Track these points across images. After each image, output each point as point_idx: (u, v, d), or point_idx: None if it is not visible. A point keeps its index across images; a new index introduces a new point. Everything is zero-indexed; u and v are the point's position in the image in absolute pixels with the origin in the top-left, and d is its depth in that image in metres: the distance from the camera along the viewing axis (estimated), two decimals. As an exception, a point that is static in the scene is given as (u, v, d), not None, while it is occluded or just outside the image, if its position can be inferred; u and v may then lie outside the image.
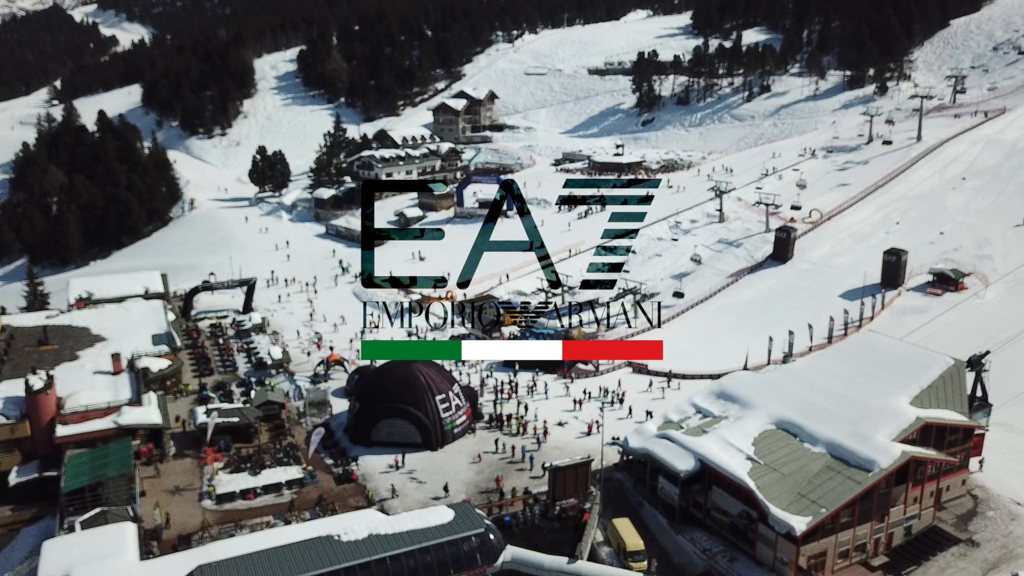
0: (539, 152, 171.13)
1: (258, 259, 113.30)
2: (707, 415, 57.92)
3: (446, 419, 61.80)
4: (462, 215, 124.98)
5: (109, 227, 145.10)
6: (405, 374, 62.32)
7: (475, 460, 59.69)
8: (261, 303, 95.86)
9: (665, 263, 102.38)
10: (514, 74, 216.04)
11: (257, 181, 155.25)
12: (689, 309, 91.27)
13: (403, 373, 62.48)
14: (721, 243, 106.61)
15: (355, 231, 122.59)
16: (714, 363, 77.17)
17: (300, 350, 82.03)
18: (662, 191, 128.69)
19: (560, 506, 52.63)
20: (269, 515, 52.96)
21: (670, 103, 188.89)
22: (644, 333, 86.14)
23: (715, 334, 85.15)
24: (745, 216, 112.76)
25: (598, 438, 63.37)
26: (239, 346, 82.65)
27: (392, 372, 63.78)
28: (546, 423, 63.93)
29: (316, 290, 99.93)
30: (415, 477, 57.19)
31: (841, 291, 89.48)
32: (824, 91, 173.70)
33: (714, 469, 51.18)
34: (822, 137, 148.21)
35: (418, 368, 62.42)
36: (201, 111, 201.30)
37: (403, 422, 61.22)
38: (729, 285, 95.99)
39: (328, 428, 64.97)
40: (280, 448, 61.38)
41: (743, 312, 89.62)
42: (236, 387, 72.78)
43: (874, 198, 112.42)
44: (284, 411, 66.59)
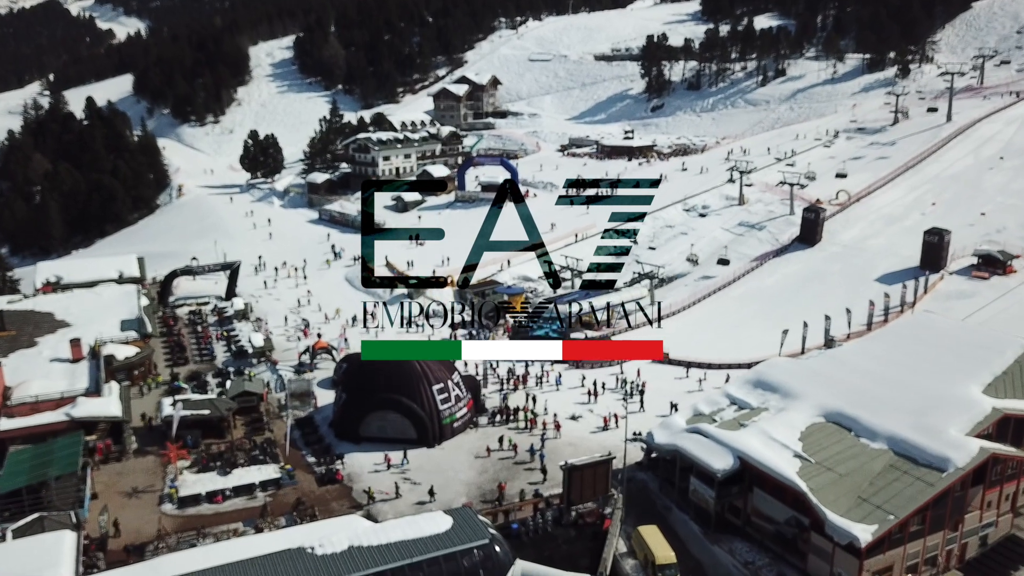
0: (544, 138, 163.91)
1: (246, 245, 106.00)
2: (744, 407, 50.60)
3: (444, 412, 54.46)
4: (463, 199, 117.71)
5: (92, 215, 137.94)
6: (398, 360, 54.90)
7: (482, 455, 52.45)
8: (246, 289, 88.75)
9: (682, 247, 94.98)
10: (518, 60, 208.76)
11: (249, 167, 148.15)
12: (711, 295, 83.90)
13: (398, 363, 55.09)
14: (742, 226, 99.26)
15: (349, 215, 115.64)
16: (740, 351, 70.04)
17: (285, 338, 74.70)
18: (675, 174, 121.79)
19: (576, 511, 45.26)
20: (239, 521, 45.62)
21: (680, 88, 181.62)
22: (663, 321, 78.77)
23: (739, 321, 77.90)
24: (766, 199, 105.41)
25: (617, 433, 56.08)
26: (219, 334, 75.42)
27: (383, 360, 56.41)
28: (557, 417, 56.51)
29: (305, 275, 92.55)
30: (409, 477, 49.84)
31: (877, 275, 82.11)
32: (842, 74, 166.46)
33: (756, 468, 43.84)
34: (842, 120, 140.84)
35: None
36: (194, 98, 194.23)
37: (396, 415, 53.86)
38: (753, 270, 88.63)
39: (312, 422, 57.74)
40: (256, 445, 54.06)
41: (769, 298, 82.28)
42: (212, 377, 65.65)
43: (904, 179, 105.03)
44: (263, 403, 59.25)
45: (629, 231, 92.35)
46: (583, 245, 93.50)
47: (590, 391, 62.37)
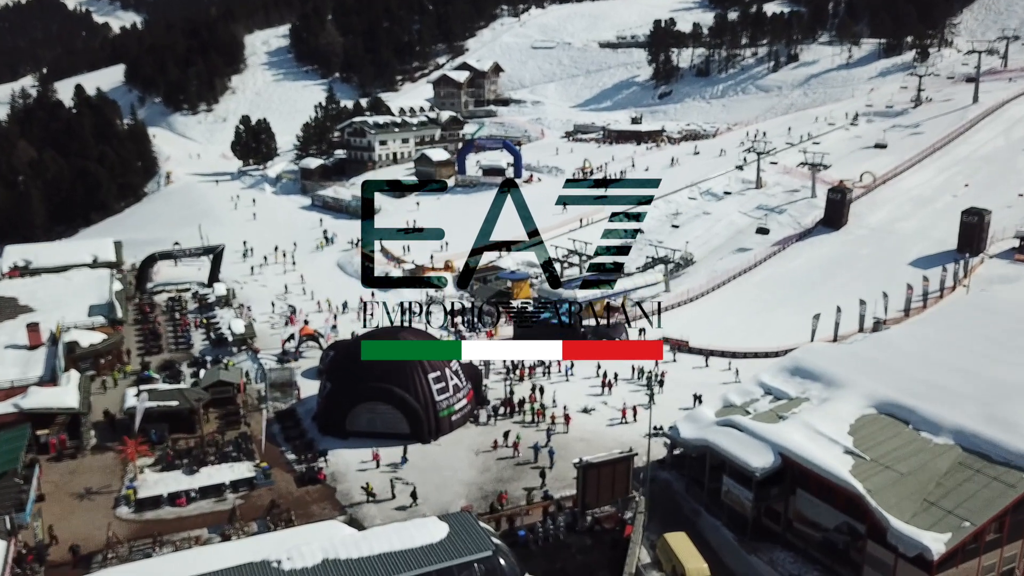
0: (548, 126, 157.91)
1: (234, 232, 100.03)
2: (781, 396, 44.65)
3: (441, 403, 48.45)
4: (463, 183, 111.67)
5: (76, 202, 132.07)
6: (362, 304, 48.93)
7: (486, 449, 46.51)
8: (232, 276, 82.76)
9: (697, 231, 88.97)
10: (520, 48, 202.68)
11: (241, 154, 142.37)
12: (731, 280, 77.91)
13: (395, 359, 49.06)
14: (761, 209, 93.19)
15: (343, 201, 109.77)
16: (766, 339, 64.07)
17: (270, 325, 68.73)
18: (687, 158, 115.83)
19: (592, 516, 39.25)
20: (204, 527, 39.65)
21: (689, 75, 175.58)
22: (676, 310, 72.98)
23: (763, 307, 71.96)
24: (785, 181, 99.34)
25: (636, 427, 50.10)
26: (197, 321, 69.48)
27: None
28: (567, 409, 50.44)
29: (294, 260, 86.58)
30: (400, 477, 43.79)
31: (910, 259, 76.11)
32: (857, 59, 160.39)
33: (802, 466, 37.90)
34: (858, 104, 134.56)
35: (406, 338, 48.95)
36: (186, 86, 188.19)
37: (386, 407, 47.83)
38: (775, 254, 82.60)
39: (294, 415, 51.74)
40: (228, 440, 48.12)
41: (794, 283, 76.27)
42: (187, 367, 59.69)
43: (932, 161, 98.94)
44: (240, 394, 53.25)
45: (639, 215, 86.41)
46: (591, 229, 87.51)
47: (604, 381, 56.27)
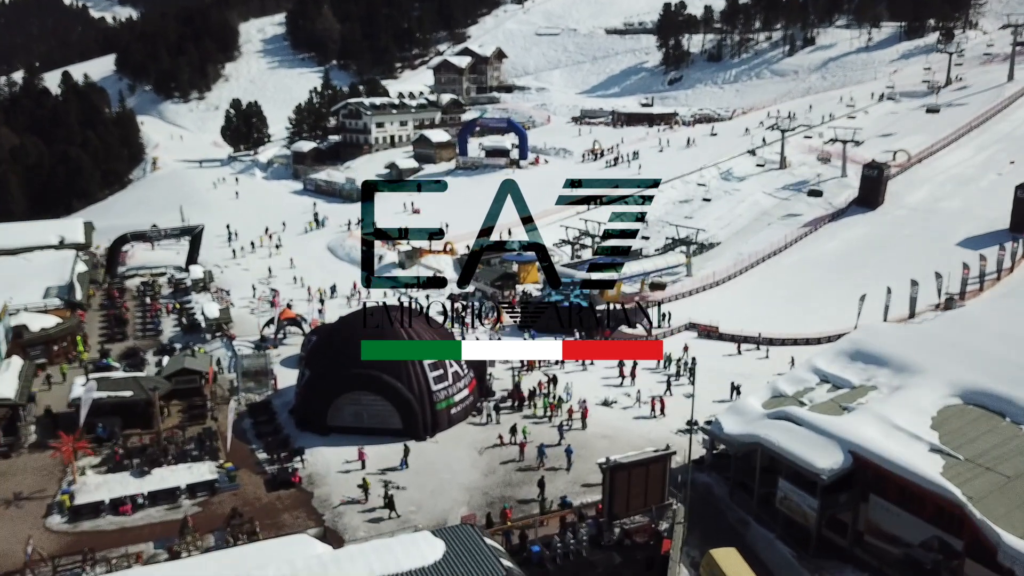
0: (554, 112, 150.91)
1: (221, 217, 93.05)
2: (840, 384, 37.72)
3: (439, 393, 41.50)
4: (465, 166, 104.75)
5: (58, 189, 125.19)
6: (378, 328, 41.93)
7: (490, 445, 39.59)
8: (213, 260, 76.06)
9: (719, 211, 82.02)
10: (524, 35, 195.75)
11: (231, 140, 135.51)
12: (760, 263, 70.93)
13: (375, 326, 42.09)
14: (787, 189, 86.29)
15: (336, 184, 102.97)
16: (804, 324, 57.14)
17: (250, 310, 61.85)
18: (704, 139, 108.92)
19: (622, 527, 32.24)
20: (149, 540, 32.69)
21: (700, 60, 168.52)
22: (704, 293, 66.05)
23: (797, 291, 65.01)
24: (811, 161, 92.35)
25: (665, 422, 43.15)
26: (169, 306, 62.66)
27: (358, 325, 43.52)
28: (585, 402, 43.36)
29: (280, 243, 79.73)
30: (390, 480, 36.80)
31: (958, 239, 69.13)
32: (877, 42, 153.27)
33: (879, 467, 30.92)
34: (880, 86, 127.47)
35: (396, 317, 41.87)
36: (178, 74, 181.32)
37: (374, 397, 40.88)
38: (806, 235, 75.63)
39: (269, 408, 44.79)
40: (189, 436, 41.18)
41: (830, 265, 69.35)
42: (154, 355, 52.75)
43: (969, 139, 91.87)
44: (207, 384, 46.32)
45: (650, 198, 79.28)
46: (604, 210, 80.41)
47: (624, 371, 49.22)
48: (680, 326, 57.89)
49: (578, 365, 50.88)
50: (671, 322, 58.39)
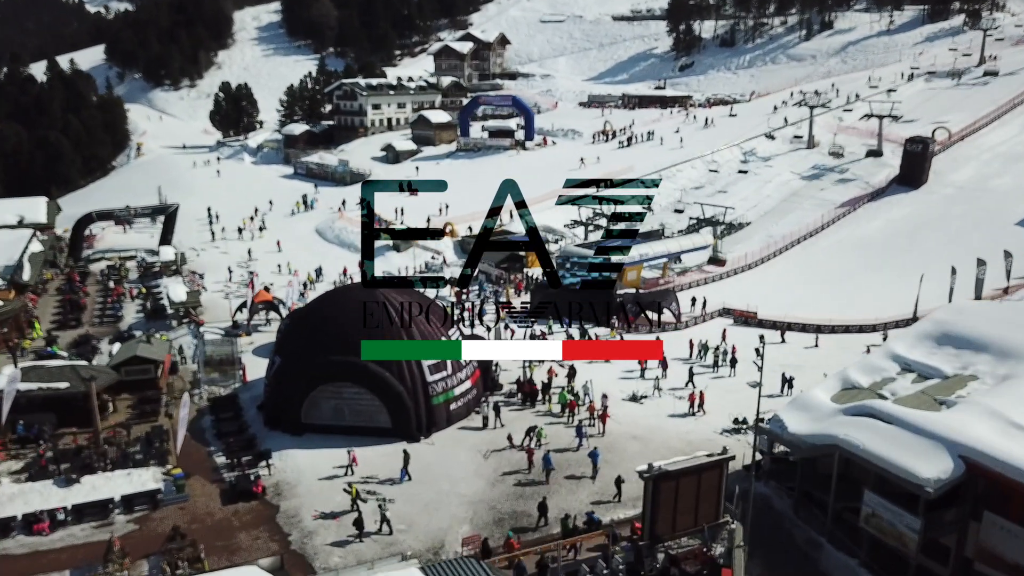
0: (561, 98, 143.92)
1: (205, 201, 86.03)
2: (929, 374, 30.76)
3: (436, 386, 34.53)
4: (466, 147, 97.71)
5: (36, 175, 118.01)
6: (364, 307, 34.94)
7: (499, 448, 32.72)
8: (189, 243, 69.21)
9: (744, 192, 75.02)
10: (528, 22, 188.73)
11: (221, 125, 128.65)
12: (795, 244, 63.99)
13: (359, 306, 35.10)
14: (817, 169, 79.32)
15: (329, 167, 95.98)
16: (854, 309, 50.30)
17: (224, 294, 54.93)
18: (723, 120, 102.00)
19: (667, 551, 25.23)
20: (66, 568, 25.76)
21: (712, 45, 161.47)
22: (734, 277, 59.15)
23: (840, 274, 58.20)
24: (840, 140, 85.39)
25: (707, 420, 36.22)
26: (133, 290, 55.82)
27: (338, 304, 36.63)
28: (607, 399, 36.23)
29: (263, 225, 72.86)
30: (374, 491, 29.82)
31: (1017, 218, 62.17)
32: (899, 26, 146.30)
33: (1001, 476, 23.89)
34: (905, 68, 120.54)
35: (387, 297, 34.94)
36: (168, 61, 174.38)
37: (357, 389, 33.90)
38: (844, 216, 68.67)
39: (235, 404, 37.82)
40: (133, 437, 34.27)
41: (874, 247, 62.51)
42: (109, 343, 45.71)
43: (1013, 117, 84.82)
44: (163, 376, 39.37)
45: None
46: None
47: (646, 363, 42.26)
48: (713, 312, 50.88)
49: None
50: (704, 308, 51.30)
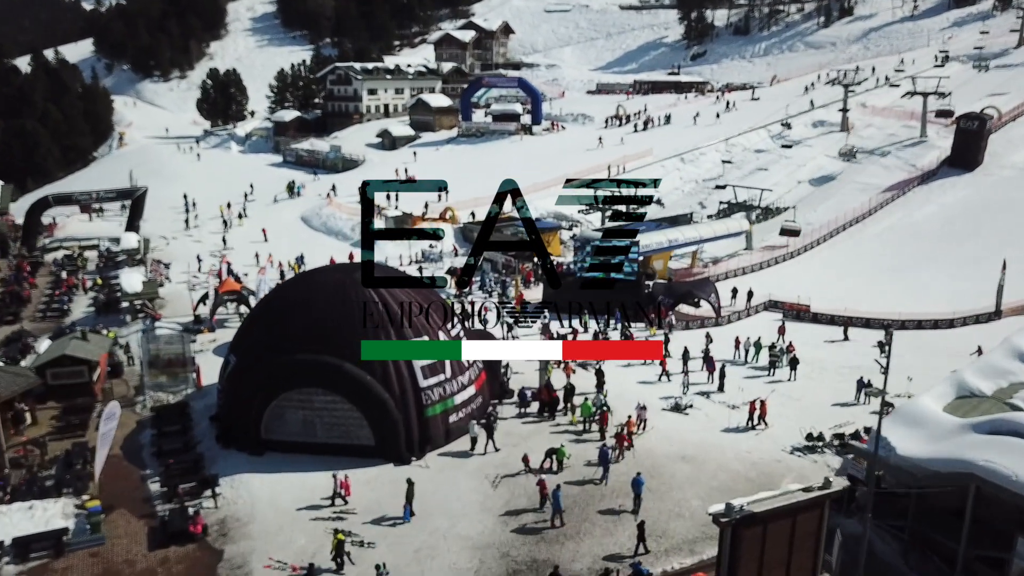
0: (567, 87, 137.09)
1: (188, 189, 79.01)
2: (1076, 379, 23.36)
3: (430, 392, 27.38)
4: (468, 133, 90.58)
5: (12, 166, 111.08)
6: (339, 292, 27.80)
7: (511, 473, 25.69)
8: (162, 231, 62.24)
9: (776, 176, 67.90)
10: (532, 12, 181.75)
11: (208, 114, 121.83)
12: (840, 231, 56.85)
13: (335, 290, 27.96)
14: (856, 152, 72.17)
15: (320, 154, 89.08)
16: (920, 303, 43.14)
17: (189, 286, 47.74)
18: (745, 104, 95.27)
19: (753, 628, 18.00)
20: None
21: (725, 34, 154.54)
22: (776, 266, 52.10)
23: (896, 263, 51.25)
24: (878, 122, 78.35)
25: (771, 436, 29.04)
26: (87, 281, 48.70)
27: (308, 290, 29.38)
28: (644, 409, 28.96)
29: (242, 213, 65.80)
30: (347, 531, 22.61)
31: (1091, 201, 55.10)
32: (923, 11, 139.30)
33: None
34: (933, 53, 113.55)
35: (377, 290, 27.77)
36: (158, 52, 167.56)
37: (331, 398, 26.74)
38: (891, 201, 61.52)
39: (184, 414, 30.68)
40: (50, 458, 27.17)
41: (930, 233, 55.58)
42: (50, 338, 38.52)
43: (1066, 97, 77.78)
44: (99, 380, 32.28)
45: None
46: (639, 172, 66.92)
47: (706, 361, 35.01)
48: (758, 305, 43.67)
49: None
50: (749, 300, 44.06)
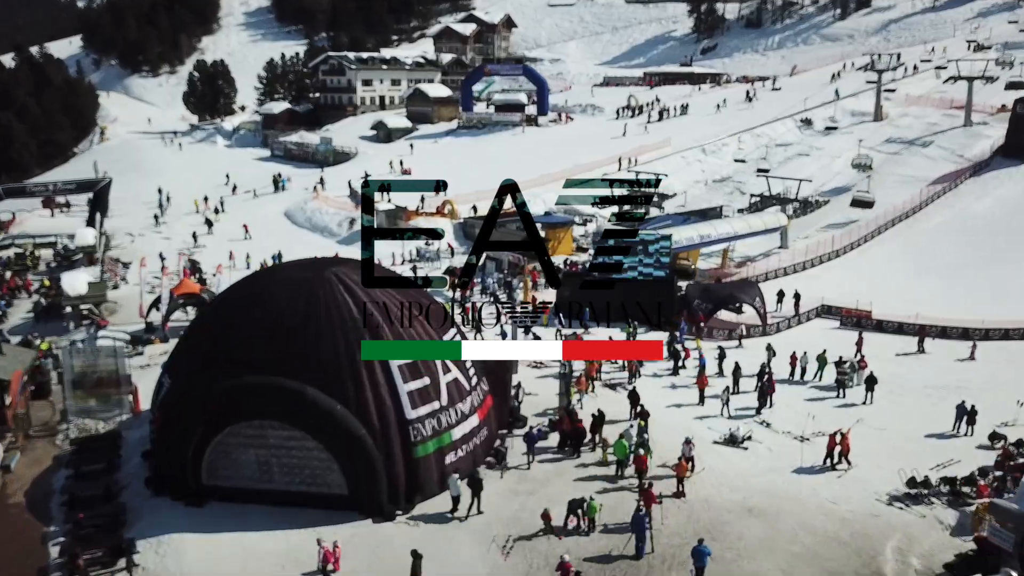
0: (573, 81, 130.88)
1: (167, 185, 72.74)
2: None
3: (421, 426, 21.04)
4: (470, 124, 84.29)
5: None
6: (303, 295, 21.45)
7: (528, 535, 19.28)
8: (130, 227, 56.10)
9: (810, 168, 61.61)
10: (535, 6, 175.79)
11: (196, 107, 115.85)
12: (887, 228, 50.60)
13: (298, 292, 21.60)
14: (892, 143, 66.09)
15: (309, 147, 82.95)
16: (989, 309, 36.79)
17: (150, 287, 41.46)
18: (766, 93, 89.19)
19: None
20: None
21: (737, 27, 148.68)
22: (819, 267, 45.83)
23: (956, 263, 44.87)
24: (915, 111, 72.20)
25: (859, 479, 22.56)
26: (30, 284, 42.50)
27: (268, 290, 22.99)
28: (691, 444, 22.52)
29: (219, 208, 59.51)
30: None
31: None
32: (946, 1, 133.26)
33: None
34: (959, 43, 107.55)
35: (342, 279, 21.58)
36: (146, 46, 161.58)
37: (289, 432, 20.36)
38: (942, 194, 55.27)
39: (114, 447, 24.37)
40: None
41: (988, 230, 49.39)
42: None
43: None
44: (11, 404, 25.96)
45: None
46: (660, 163, 60.86)
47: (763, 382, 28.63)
48: (809, 311, 37.32)
49: (667, 371, 30.31)
50: (796, 305, 37.67)
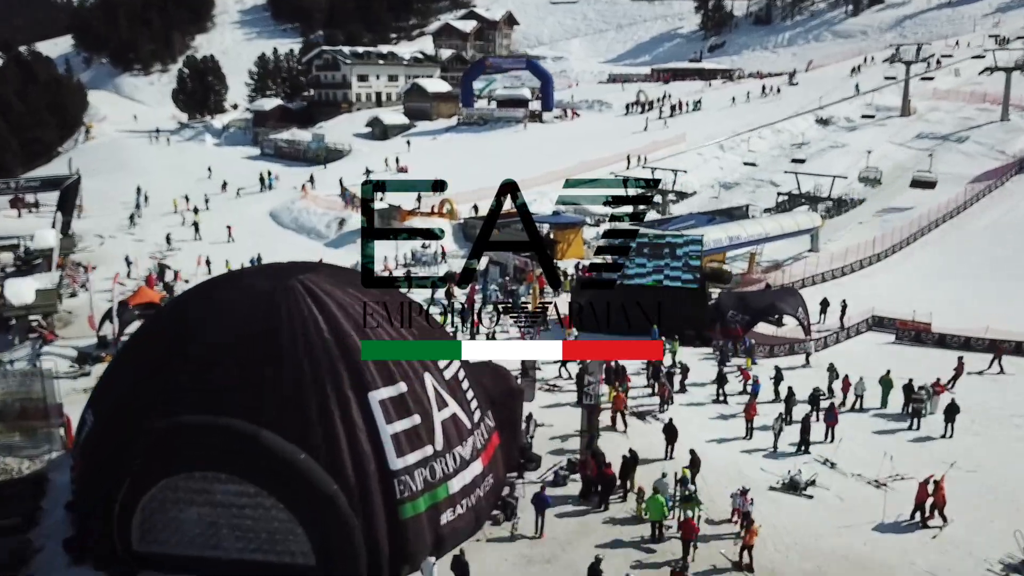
0: (576, 80, 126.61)
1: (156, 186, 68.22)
2: None
3: (409, 479, 16.37)
4: (470, 120, 79.78)
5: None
6: (262, 310, 16.89)
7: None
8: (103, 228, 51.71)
9: (838, 166, 57.09)
10: (537, 4, 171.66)
11: (185, 105, 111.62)
12: (931, 229, 46.12)
13: (256, 307, 17.05)
14: (924, 139, 61.73)
15: (301, 144, 78.41)
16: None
17: (109, 296, 36.93)
18: (783, 88, 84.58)
19: None
20: None
21: (745, 23, 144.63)
22: (858, 272, 41.34)
23: (1017, 267, 40.10)
24: (945, 106, 67.84)
25: (958, 540, 17.77)
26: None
27: (217, 304, 18.43)
28: (746, 497, 18.01)
29: (198, 208, 54.87)
30: None
31: None
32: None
33: None
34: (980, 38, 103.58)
35: (311, 289, 17.05)
36: (138, 45, 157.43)
37: (241, 488, 15.75)
38: (987, 193, 50.84)
39: (33, 495, 19.78)
40: None
41: (1048, 232, 44.65)
42: None
43: None
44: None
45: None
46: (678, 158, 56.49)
47: (820, 414, 24.04)
48: (859, 323, 32.75)
49: (700, 400, 25.76)
50: (843, 316, 33.12)
